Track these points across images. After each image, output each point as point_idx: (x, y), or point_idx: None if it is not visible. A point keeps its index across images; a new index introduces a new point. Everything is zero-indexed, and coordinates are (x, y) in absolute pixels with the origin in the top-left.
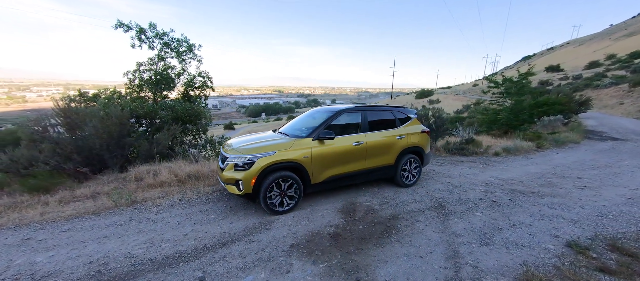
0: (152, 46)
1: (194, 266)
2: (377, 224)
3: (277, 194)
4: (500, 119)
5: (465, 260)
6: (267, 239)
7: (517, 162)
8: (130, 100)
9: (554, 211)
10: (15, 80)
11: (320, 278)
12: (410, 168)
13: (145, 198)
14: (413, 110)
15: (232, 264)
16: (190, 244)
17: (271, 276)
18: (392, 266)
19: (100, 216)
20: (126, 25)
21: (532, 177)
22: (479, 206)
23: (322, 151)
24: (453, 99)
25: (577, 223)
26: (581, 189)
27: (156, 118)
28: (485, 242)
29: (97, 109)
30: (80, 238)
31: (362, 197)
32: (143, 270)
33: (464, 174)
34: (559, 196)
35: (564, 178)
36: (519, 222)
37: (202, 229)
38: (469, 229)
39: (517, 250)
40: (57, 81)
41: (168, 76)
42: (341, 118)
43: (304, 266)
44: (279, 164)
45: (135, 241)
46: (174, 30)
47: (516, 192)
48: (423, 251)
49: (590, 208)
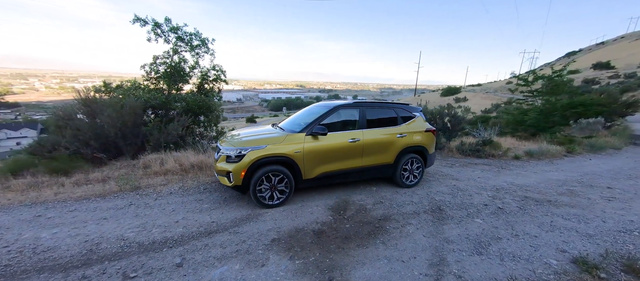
0: (168, 40)
1: (176, 252)
2: (365, 224)
3: (267, 187)
4: (528, 120)
5: (450, 268)
6: (250, 231)
7: (539, 167)
8: (146, 91)
9: (568, 223)
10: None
11: (293, 274)
12: (412, 168)
13: (149, 184)
14: (418, 108)
15: (211, 253)
16: (178, 231)
17: (245, 268)
18: (370, 269)
19: (105, 199)
20: (143, 20)
21: (553, 184)
22: (482, 213)
23: (315, 146)
24: (482, 97)
25: (592, 237)
26: (608, 200)
27: (171, 109)
28: (478, 251)
29: (114, 100)
30: (83, 218)
31: (357, 195)
32: (129, 252)
33: (474, 177)
34: (579, 207)
35: (591, 187)
36: (523, 232)
37: (193, 218)
38: (463, 237)
39: (513, 262)
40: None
41: (182, 68)
42: (338, 114)
43: (280, 261)
44: (269, 158)
45: (129, 224)
46: (187, 24)
47: (529, 200)
48: (407, 256)
49: (613, 222)
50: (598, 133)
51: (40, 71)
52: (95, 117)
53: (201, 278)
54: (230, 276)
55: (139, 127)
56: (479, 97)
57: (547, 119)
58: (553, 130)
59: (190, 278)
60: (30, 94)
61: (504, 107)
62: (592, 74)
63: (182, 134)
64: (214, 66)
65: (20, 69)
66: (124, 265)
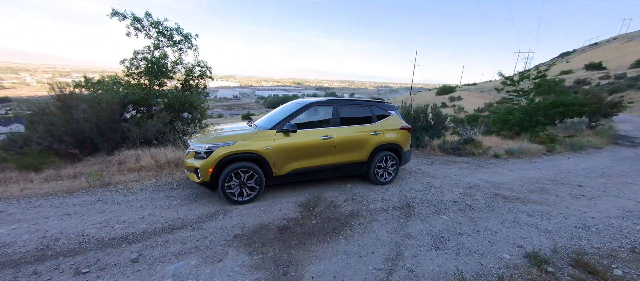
0: (149, 35)
1: (135, 248)
2: (332, 220)
3: (236, 184)
4: (512, 119)
5: (404, 263)
6: (214, 227)
7: (517, 166)
8: (126, 87)
9: (531, 220)
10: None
11: (248, 269)
12: (386, 166)
13: (120, 180)
14: (394, 106)
15: (170, 249)
16: (141, 227)
17: (202, 264)
18: (326, 264)
19: (72, 195)
20: (121, 14)
21: (526, 182)
22: (449, 209)
23: (285, 143)
24: (476, 96)
25: (551, 233)
26: (576, 198)
27: (152, 105)
28: (436, 246)
29: (91, 95)
30: (46, 214)
31: (330, 192)
32: (87, 248)
33: (451, 175)
34: (546, 204)
35: (562, 185)
36: (484, 228)
37: (159, 214)
38: (425, 232)
39: (468, 257)
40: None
41: (163, 64)
42: (311, 112)
43: (238, 256)
44: (238, 155)
45: (93, 220)
46: (167, 19)
47: (499, 197)
48: (365, 251)
49: (574, 219)
50: (582, 133)
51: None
52: (71, 113)
53: (155, 273)
54: (185, 272)
55: (116, 123)
56: (473, 97)
57: (531, 118)
58: (536, 129)
59: (144, 273)
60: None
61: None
62: (584, 75)
63: (163, 130)
64: (199, 62)
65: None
66: (78, 261)
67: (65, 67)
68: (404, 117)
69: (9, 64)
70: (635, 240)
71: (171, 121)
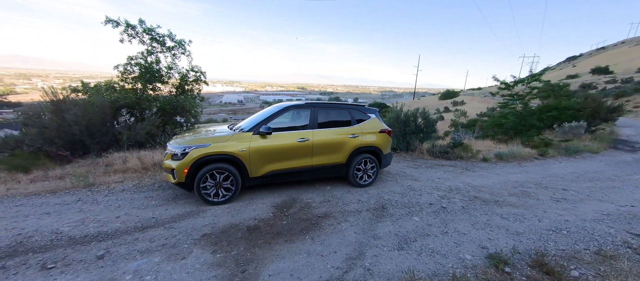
0: (143, 41)
1: (103, 246)
2: (303, 221)
3: (212, 185)
4: (506, 123)
5: (364, 262)
6: (185, 227)
7: (505, 169)
8: (120, 91)
9: (503, 222)
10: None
11: (208, 267)
12: (366, 168)
13: (104, 181)
14: (374, 109)
15: (137, 247)
16: (114, 226)
17: (164, 261)
18: (286, 262)
19: (55, 195)
20: (115, 21)
21: (509, 185)
22: (423, 211)
23: (261, 145)
24: (479, 101)
25: (519, 235)
26: (556, 201)
27: (145, 109)
28: (400, 247)
29: (83, 99)
30: (26, 213)
31: (308, 194)
32: (58, 245)
33: (434, 178)
34: (523, 207)
35: (546, 189)
36: (454, 230)
37: (135, 214)
38: (393, 233)
39: (429, 257)
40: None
41: (156, 69)
42: (289, 114)
43: (202, 255)
44: (213, 156)
45: (70, 219)
46: (160, 26)
47: (477, 200)
48: (328, 251)
49: (548, 221)
50: (580, 137)
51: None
52: (63, 116)
53: (117, 269)
54: (146, 269)
55: (107, 126)
56: (477, 101)
57: (525, 122)
58: (529, 133)
59: (107, 269)
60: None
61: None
62: (590, 79)
63: (154, 133)
64: (193, 67)
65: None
66: (46, 257)
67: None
68: (394, 121)
69: (22, 70)
70: (604, 242)
71: (162, 124)
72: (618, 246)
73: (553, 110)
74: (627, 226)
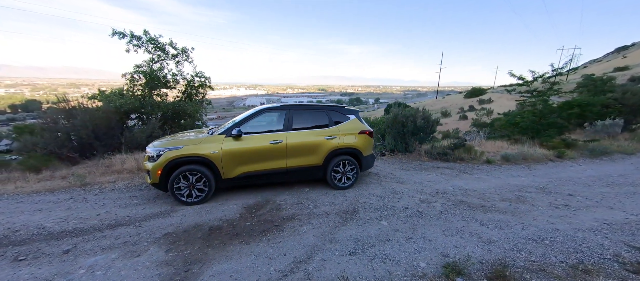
0: (149, 50)
1: (74, 241)
2: (267, 222)
3: (185, 186)
4: (520, 122)
5: (308, 266)
6: (152, 226)
7: (508, 172)
8: (128, 97)
9: (480, 229)
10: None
11: (157, 265)
12: (345, 170)
13: (98, 181)
14: (355, 110)
15: (102, 243)
16: (91, 223)
17: (120, 257)
18: (232, 263)
19: (52, 193)
20: (121, 33)
21: (505, 190)
22: (395, 216)
23: (233, 147)
24: (508, 98)
25: (491, 243)
26: (554, 208)
27: (150, 114)
28: (353, 252)
29: (93, 106)
30: (23, 209)
31: (283, 195)
32: (36, 239)
33: (423, 181)
34: (511, 213)
35: (549, 194)
36: (420, 236)
37: (114, 212)
38: (352, 238)
39: (380, 263)
40: None
41: (162, 76)
42: (263, 117)
43: (156, 253)
44: (185, 158)
45: (56, 216)
46: (162, 35)
47: (461, 204)
48: (278, 253)
49: (533, 230)
50: (616, 137)
51: (89, 80)
52: (73, 122)
53: (76, 264)
54: (101, 264)
55: (113, 130)
56: (505, 99)
57: (545, 120)
58: (548, 133)
59: (67, 264)
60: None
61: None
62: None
63: (157, 135)
64: (197, 73)
65: (74, 79)
66: (23, 250)
67: (117, 81)
68: (392, 121)
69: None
70: (589, 254)
71: (163, 127)
72: (604, 260)
73: (575, 107)
74: (628, 237)
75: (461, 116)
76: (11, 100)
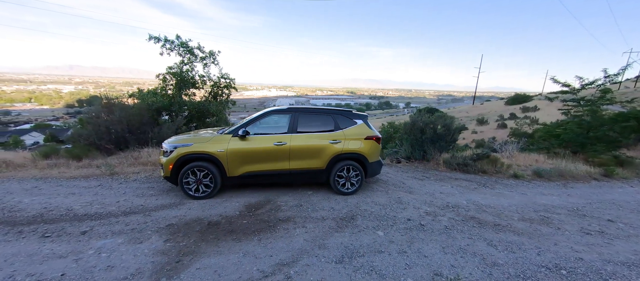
0: (181, 54)
1: (92, 224)
2: (263, 222)
3: (193, 181)
4: (562, 134)
5: (291, 269)
6: (160, 216)
7: (537, 189)
8: (160, 96)
9: (487, 249)
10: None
11: (154, 253)
12: (348, 176)
13: (125, 172)
14: (363, 115)
15: (114, 228)
16: (111, 209)
17: (125, 243)
18: (219, 259)
19: (86, 180)
20: (156, 38)
21: (528, 208)
22: (394, 227)
23: (238, 147)
24: (558, 106)
25: (495, 267)
26: (585, 234)
27: (178, 112)
28: (340, 260)
29: (128, 103)
30: (60, 192)
31: (285, 197)
32: (63, 219)
33: (435, 192)
34: (528, 235)
35: (582, 218)
36: (416, 250)
37: (131, 201)
38: (343, 245)
39: (365, 275)
40: None
41: (191, 77)
42: (269, 119)
43: (157, 241)
44: (193, 155)
45: (84, 200)
46: (191, 40)
47: (472, 221)
48: (265, 254)
49: (550, 256)
50: None
51: (141, 80)
52: (111, 117)
53: (88, 244)
54: (108, 247)
55: (145, 125)
56: (555, 107)
57: (594, 133)
58: (596, 148)
59: (82, 243)
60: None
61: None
62: None
63: (182, 131)
64: (223, 75)
65: (128, 78)
66: (50, 228)
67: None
68: (410, 128)
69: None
70: None
71: (188, 124)
72: None
73: (631, 119)
74: None
75: (500, 124)
76: (79, 96)
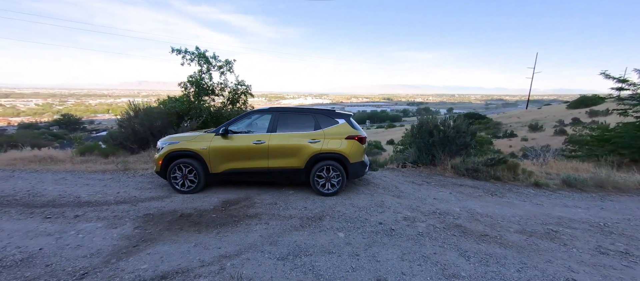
0: (199, 64)
1: (86, 210)
2: (231, 217)
3: (180, 176)
4: (613, 138)
5: (230, 261)
6: (144, 206)
7: (560, 200)
8: (180, 102)
9: (454, 260)
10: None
11: (121, 237)
12: (329, 176)
13: (135, 168)
14: (346, 114)
15: (101, 214)
16: (109, 198)
17: (103, 227)
18: (171, 247)
19: (103, 173)
20: (178, 50)
21: (534, 221)
22: (360, 230)
23: (219, 145)
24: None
25: (452, 278)
26: (597, 254)
27: (197, 117)
28: (283, 257)
29: (151, 108)
30: (79, 182)
31: (264, 195)
32: (68, 204)
33: (427, 198)
34: (516, 249)
35: (604, 235)
36: (371, 255)
37: (128, 193)
38: (294, 243)
39: (300, 274)
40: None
41: (207, 85)
42: (253, 118)
43: (128, 227)
44: (179, 152)
45: (92, 190)
46: (207, 50)
47: (456, 229)
48: (215, 246)
49: (531, 275)
50: None
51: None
52: (136, 120)
53: (74, 226)
54: (88, 230)
55: (166, 128)
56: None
57: None
58: None
59: (69, 225)
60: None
61: None
62: None
63: None
64: (240, 82)
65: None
66: (55, 211)
67: None
68: (418, 130)
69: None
70: None
71: (203, 128)
72: None
73: None
74: None
75: (557, 130)
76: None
